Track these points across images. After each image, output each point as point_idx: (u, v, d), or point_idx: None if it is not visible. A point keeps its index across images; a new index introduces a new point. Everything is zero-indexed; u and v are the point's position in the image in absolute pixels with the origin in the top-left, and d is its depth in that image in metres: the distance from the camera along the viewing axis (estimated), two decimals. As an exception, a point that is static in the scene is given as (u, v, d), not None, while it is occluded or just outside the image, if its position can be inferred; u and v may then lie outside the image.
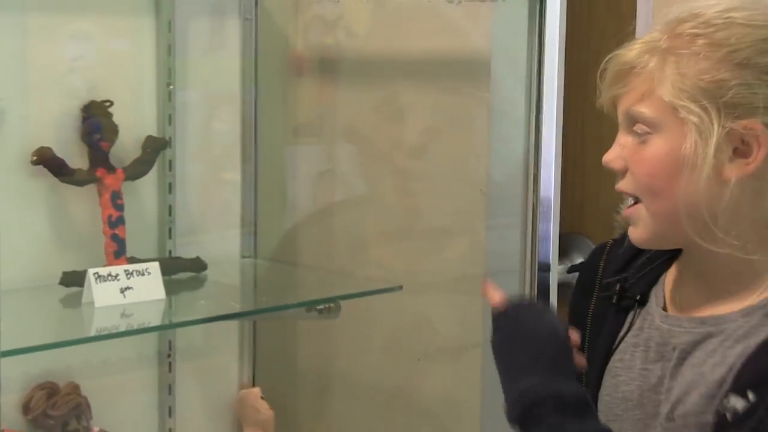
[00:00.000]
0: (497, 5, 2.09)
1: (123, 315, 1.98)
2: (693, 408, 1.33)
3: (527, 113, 1.94)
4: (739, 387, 1.28)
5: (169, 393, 2.33)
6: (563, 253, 1.78)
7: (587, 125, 1.46)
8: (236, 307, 2.28)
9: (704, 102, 1.28)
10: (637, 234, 1.39)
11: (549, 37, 1.85)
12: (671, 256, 1.47)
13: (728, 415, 1.27)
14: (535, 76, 1.89)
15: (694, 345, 1.36)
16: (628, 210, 1.39)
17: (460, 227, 2.26)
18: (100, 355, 2.18)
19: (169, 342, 2.31)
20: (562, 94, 1.94)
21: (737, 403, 1.27)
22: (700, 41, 1.30)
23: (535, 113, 1.91)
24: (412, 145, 2.33)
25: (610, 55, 1.38)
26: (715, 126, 1.28)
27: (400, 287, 2.16)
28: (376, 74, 2.36)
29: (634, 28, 1.40)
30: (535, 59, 1.89)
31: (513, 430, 1.36)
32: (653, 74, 1.32)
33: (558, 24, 1.85)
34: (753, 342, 1.30)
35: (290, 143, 2.51)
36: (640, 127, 1.34)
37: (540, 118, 1.89)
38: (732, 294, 1.36)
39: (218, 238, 2.41)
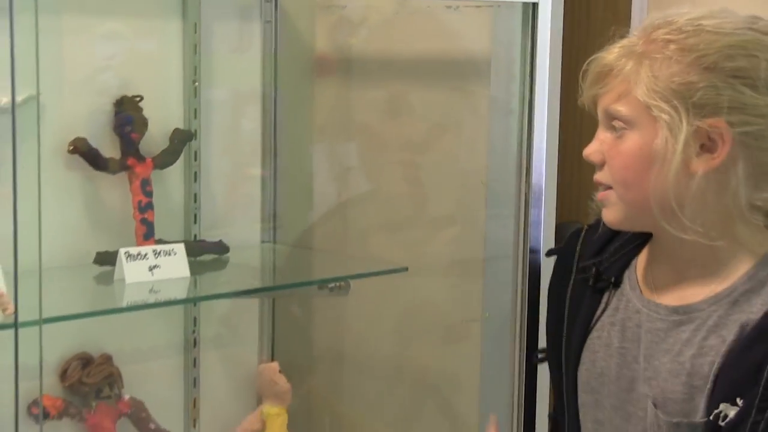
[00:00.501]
0: (493, 10, 2.12)
1: (151, 291, 2.03)
2: (676, 395, 1.37)
3: (521, 109, 1.98)
4: (727, 396, 1.32)
5: (194, 366, 2.35)
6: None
7: (585, 120, 1.50)
8: (255, 285, 2.31)
9: (675, 102, 1.32)
10: (610, 216, 1.44)
11: (541, 39, 1.89)
12: (642, 241, 1.51)
13: (722, 423, 1.31)
14: (528, 75, 1.93)
15: (667, 331, 1.41)
16: (601, 194, 1.43)
17: (463, 215, 2.29)
18: (130, 330, 2.21)
19: (194, 319, 2.34)
20: (558, 91, 1.98)
21: (729, 410, 1.31)
22: (672, 46, 1.34)
23: (528, 109, 1.94)
24: (418, 141, 2.36)
25: (591, 58, 1.42)
26: (684, 124, 1.32)
27: (406, 269, 2.20)
28: (386, 74, 2.39)
29: (613, 34, 1.44)
30: (528, 60, 1.93)
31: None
32: (630, 76, 1.36)
33: (549, 27, 1.88)
34: (725, 334, 1.35)
35: (307, 138, 2.53)
36: (617, 123, 1.38)
37: (532, 114, 1.92)
38: (697, 278, 1.40)
39: (240, 225, 2.42)
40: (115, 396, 2.15)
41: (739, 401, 1.30)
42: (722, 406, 1.32)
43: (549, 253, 1.69)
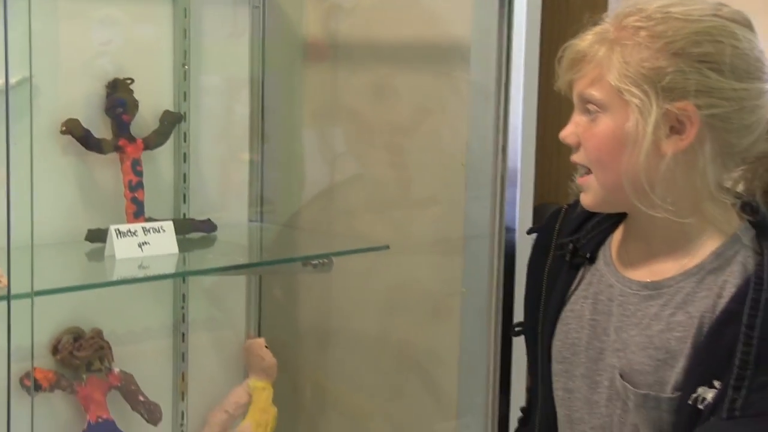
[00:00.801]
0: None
1: (141, 266, 2.04)
2: (643, 368, 1.41)
3: (498, 91, 1.99)
4: (703, 379, 1.35)
5: (183, 340, 2.36)
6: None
7: (564, 104, 1.52)
8: (242, 261, 2.32)
9: (645, 86, 1.35)
10: (587, 199, 1.47)
11: (517, 22, 1.90)
12: (618, 219, 1.54)
13: (701, 407, 1.34)
14: (505, 58, 1.94)
15: (637, 305, 1.44)
16: (580, 179, 1.47)
17: (444, 196, 2.30)
18: (120, 305, 2.22)
19: (183, 295, 2.35)
20: (536, 74, 1.99)
21: (706, 393, 1.34)
22: (643, 33, 1.37)
23: (504, 91, 1.96)
24: (402, 124, 2.36)
25: (565, 44, 1.45)
26: (654, 107, 1.35)
27: (387, 247, 2.22)
28: (371, 60, 2.39)
29: (587, 21, 1.46)
30: (505, 43, 1.94)
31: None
32: (602, 62, 1.39)
33: (525, 12, 1.89)
34: (692, 311, 1.38)
35: (294, 121, 2.53)
36: (591, 107, 1.41)
37: (509, 96, 1.94)
38: (668, 255, 1.44)
39: (228, 205, 2.44)
40: (105, 369, 2.16)
41: (716, 383, 1.33)
42: (700, 390, 1.34)
43: (530, 231, 1.72)
